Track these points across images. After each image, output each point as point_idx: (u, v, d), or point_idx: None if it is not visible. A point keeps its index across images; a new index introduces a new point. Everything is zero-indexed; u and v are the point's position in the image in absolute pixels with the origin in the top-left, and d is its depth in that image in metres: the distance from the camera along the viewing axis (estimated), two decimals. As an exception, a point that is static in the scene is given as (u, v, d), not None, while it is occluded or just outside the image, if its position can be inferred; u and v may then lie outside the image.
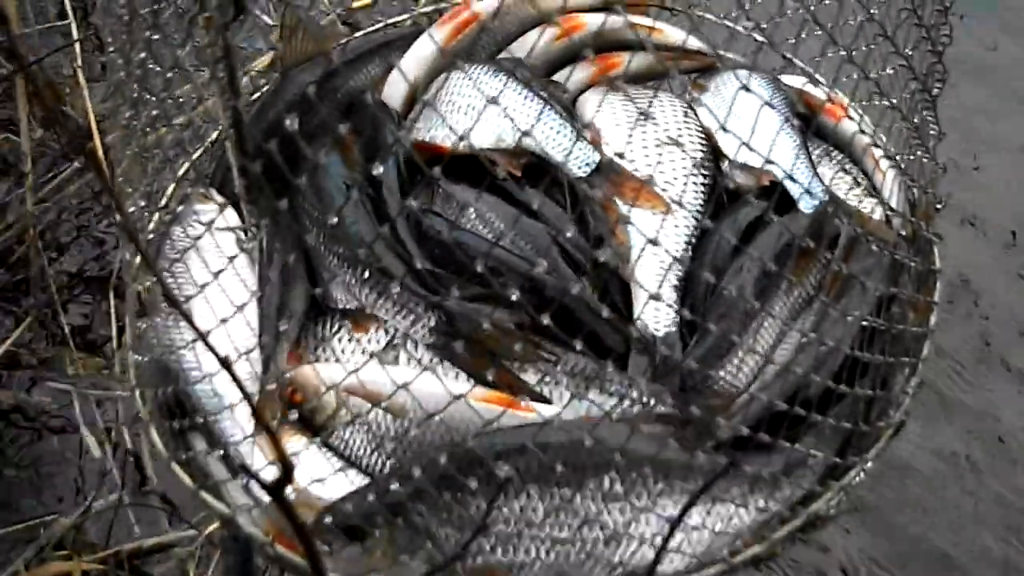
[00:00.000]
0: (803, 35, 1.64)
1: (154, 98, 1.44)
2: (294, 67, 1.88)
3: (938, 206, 1.52)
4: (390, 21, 2.07)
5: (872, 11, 1.35)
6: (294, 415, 1.50)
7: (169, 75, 1.35)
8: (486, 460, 1.30)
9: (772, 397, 1.36)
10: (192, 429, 1.52)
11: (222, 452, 1.48)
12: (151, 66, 1.35)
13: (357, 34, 2.05)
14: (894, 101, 1.38)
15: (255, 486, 1.41)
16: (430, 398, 1.38)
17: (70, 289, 2.27)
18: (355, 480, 1.48)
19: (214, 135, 1.84)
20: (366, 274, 1.58)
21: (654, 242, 1.31)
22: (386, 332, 1.57)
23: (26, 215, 2.06)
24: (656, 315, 1.60)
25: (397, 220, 1.67)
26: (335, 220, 1.62)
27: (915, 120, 1.44)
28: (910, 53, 1.41)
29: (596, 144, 1.77)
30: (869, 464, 1.37)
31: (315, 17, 1.98)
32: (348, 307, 1.62)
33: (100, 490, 2.18)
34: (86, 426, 2.18)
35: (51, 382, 2.26)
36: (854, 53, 1.34)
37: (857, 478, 1.36)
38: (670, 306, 1.60)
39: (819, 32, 1.36)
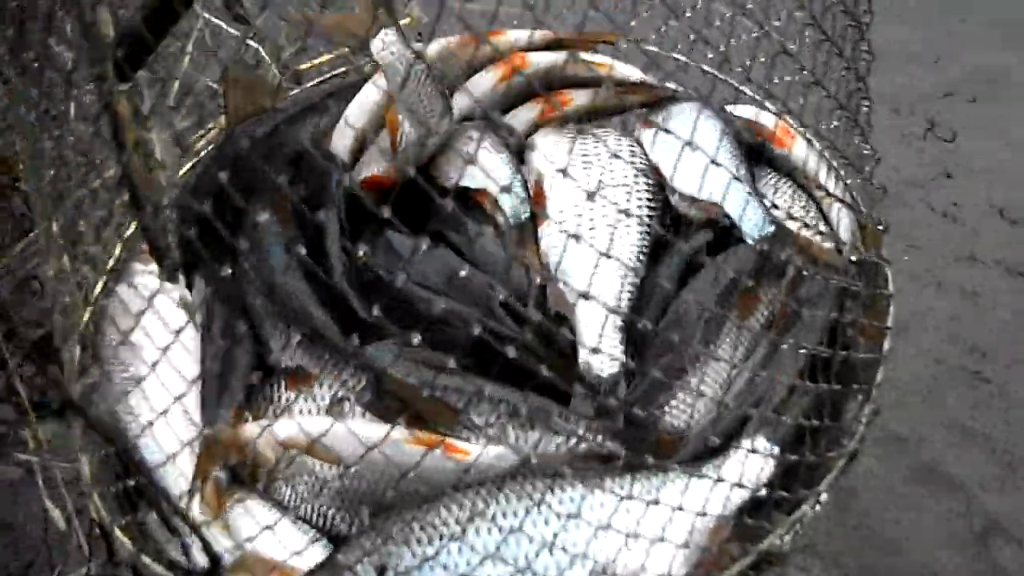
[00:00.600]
0: (754, 60, 1.61)
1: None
2: (239, 124, 1.86)
3: (880, 227, 1.47)
4: (334, 72, 2.05)
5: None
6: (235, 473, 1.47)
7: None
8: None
9: (718, 432, 1.31)
10: (138, 494, 1.48)
11: (161, 517, 1.44)
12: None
13: (302, 87, 2.03)
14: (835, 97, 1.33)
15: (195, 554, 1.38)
16: (359, 444, 1.34)
17: (31, 356, 2.24)
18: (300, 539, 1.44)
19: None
20: (297, 338, 1.55)
21: (585, 296, 1.28)
22: (329, 387, 1.54)
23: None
24: (600, 357, 1.56)
25: (339, 273, 1.65)
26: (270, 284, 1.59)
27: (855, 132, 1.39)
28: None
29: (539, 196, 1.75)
30: (823, 497, 1.31)
31: (260, 73, 1.96)
32: (288, 366, 1.58)
33: (67, 563, 2.14)
34: (51, 498, 2.13)
35: (16, 454, 2.23)
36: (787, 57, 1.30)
37: (811, 511, 1.30)
38: (613, 350, 1.57)
39: (764, 60, 1.34)
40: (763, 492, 1.31)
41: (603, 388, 1.51)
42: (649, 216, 1.73)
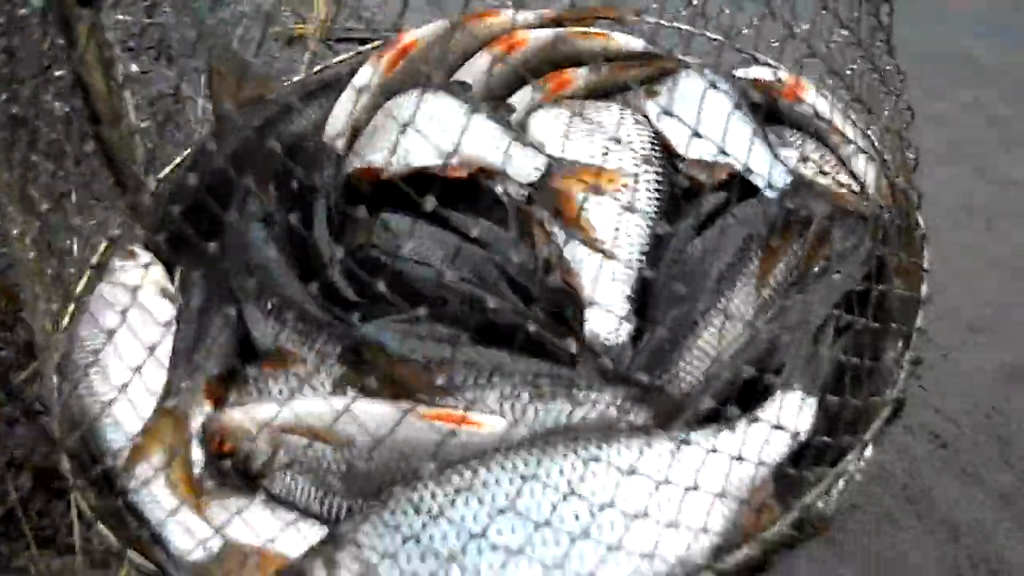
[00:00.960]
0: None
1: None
2: (229, 113, 1.79)
3: (911, 155, 1.37)
4: (331, 62, 1.98)
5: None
6: (226, 464, 1.35)
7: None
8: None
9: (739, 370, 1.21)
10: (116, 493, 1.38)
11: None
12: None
13: (295, 78, 1.96)
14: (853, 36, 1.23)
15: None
16: (373, 422, 1.23)
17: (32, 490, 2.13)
18: (307, 531, 1.32)
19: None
20: (269, 304, 1.45)
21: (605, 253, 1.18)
22: (311, 365, 1.43)
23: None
24: (608, 326, 1.47)
25: (326, 256, 1.56)
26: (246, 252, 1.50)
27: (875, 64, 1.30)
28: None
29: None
30: (867, 451, 1.19)
31: (248, 63, 1.89)
32: (266, 348, 1.48)
33: None
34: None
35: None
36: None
37: (856, 467, 1.18)
38: (621, 314, 1.47)
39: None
40: (803, 446, 1.19)
41: (609, 354, 1.41)
42: (658, 185, 1.64)
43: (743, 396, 1.27)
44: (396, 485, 1.21)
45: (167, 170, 1.75)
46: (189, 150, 1.83)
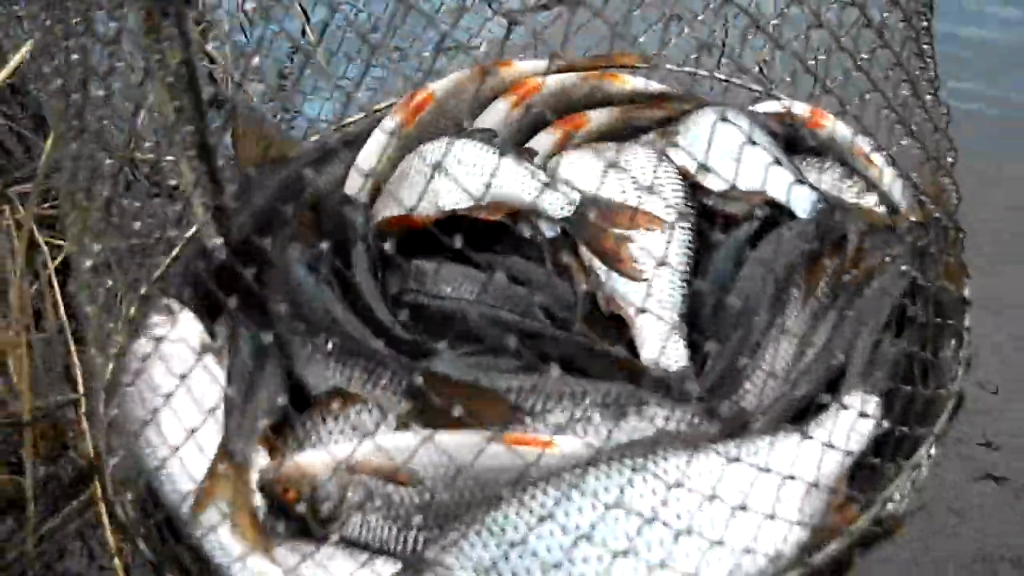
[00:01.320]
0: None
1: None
2: (252, 169, 1.81)
3: (951, 158, 1.40)
4: (350, 120, 2.01)
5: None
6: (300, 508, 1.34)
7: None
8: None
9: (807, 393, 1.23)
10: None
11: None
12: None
13: (314, 137, 1.99)
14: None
15: None
16: (452, 451, 1.23)
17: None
18: (383, 568, 1.30)
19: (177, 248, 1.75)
20: (329, 345, 1.46)
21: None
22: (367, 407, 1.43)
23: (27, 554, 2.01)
24: (666, 351, 1.48)
25: (371, 297, 1.58)
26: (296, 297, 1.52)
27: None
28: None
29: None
30: (932, 450, 1.21)
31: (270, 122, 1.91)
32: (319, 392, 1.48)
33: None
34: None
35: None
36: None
37: (926, 462, 1.20)
38: (677, 349, 1.50)
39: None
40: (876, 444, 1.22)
41: (674, 380, 1.43)
42: (691, 218, 1.68)
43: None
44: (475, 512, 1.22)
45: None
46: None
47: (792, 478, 1.15)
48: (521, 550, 1.14)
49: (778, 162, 1.63)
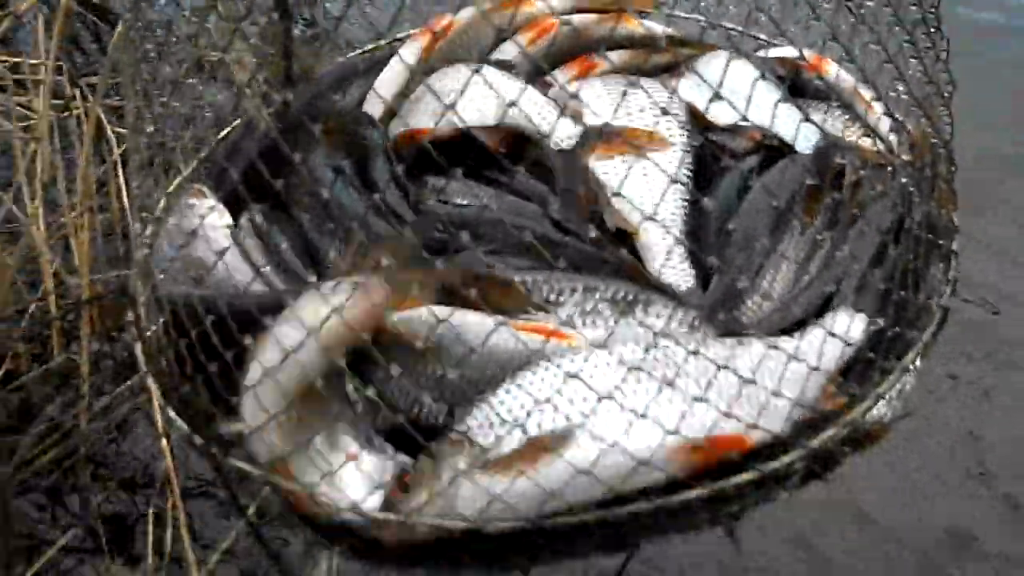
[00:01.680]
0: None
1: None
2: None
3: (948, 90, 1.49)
4: (368, 47, 2.08)
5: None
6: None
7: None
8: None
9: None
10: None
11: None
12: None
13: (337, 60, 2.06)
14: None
15: None
16: (468, 330, 1.31)
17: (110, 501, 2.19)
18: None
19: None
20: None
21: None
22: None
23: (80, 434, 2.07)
24: (673, 272, 1.57)
25: (390, 195, 1.66)
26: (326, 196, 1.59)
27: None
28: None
29: (578, 117, 1.77)
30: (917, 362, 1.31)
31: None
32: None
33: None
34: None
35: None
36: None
37: (912, 369, 1.30)
38: (683, 266, 1.58)
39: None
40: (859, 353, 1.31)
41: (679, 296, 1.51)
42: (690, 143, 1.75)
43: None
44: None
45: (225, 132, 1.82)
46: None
47: (794, 358, 1.23)
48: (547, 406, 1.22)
49: (781, 99, 1.72)
